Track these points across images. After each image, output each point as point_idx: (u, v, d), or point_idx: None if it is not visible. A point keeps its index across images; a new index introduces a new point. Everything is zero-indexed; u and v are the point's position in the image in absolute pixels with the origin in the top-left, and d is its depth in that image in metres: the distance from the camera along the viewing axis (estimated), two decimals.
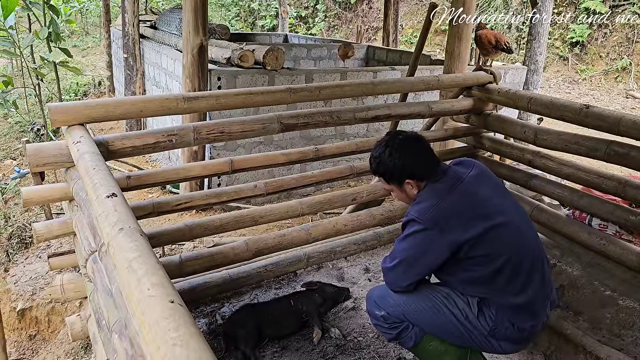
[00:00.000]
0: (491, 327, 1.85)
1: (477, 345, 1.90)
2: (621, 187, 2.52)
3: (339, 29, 16.00)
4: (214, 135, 2.43)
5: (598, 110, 2.55)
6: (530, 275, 1.84)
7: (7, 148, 7.21)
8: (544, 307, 1.89)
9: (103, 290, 1.65)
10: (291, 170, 4.99)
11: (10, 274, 3.93)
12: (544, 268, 1.90)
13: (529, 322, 1.85)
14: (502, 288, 1.82)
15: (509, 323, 1.84)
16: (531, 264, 1.84)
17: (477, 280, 1.84)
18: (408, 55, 7.13)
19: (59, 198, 2.22)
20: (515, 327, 1.84)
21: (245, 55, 4.66)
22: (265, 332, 2.44)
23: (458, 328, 1.88)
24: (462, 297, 1.88)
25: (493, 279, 1.81)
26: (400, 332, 1.97)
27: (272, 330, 2.46)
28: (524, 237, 1.87)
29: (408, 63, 6.94)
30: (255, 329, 2.40)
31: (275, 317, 2.49)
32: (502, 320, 1.84)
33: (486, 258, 1.79)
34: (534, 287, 1.84)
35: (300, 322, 2.53)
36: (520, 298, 1.83)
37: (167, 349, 0.82)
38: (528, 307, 1.84)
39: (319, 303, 2.62)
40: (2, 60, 9.61)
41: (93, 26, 17.29)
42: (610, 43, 10.72)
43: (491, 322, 1.85)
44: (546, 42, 7.26)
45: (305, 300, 2.60)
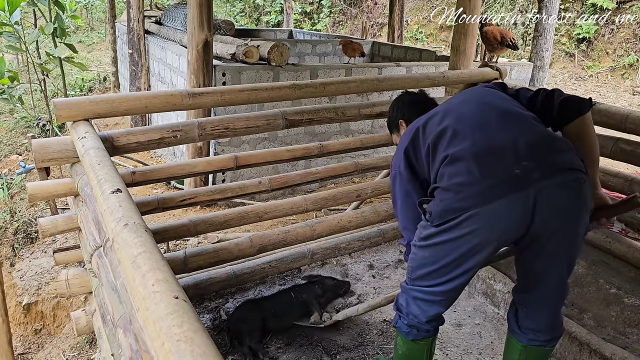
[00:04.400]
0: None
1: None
2: (627, 184, 2.51)
3: (344, 24, 15.95)
4: (218, 131, 2.43)
5: (604, 107, 2.53)
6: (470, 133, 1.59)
7: (12, 143, 7.24)
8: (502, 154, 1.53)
9: (108, 285, 1.65)
10: (296, 166, 4.99)
11: (16, 269, 3.95)
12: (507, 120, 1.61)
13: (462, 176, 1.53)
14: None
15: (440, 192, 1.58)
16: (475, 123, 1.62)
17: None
18: (413, 52, 7.11)
19: (64, 193, 2.23)
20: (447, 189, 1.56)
21: (250, 51, 4.65)
22: (269, 325, 2.45)
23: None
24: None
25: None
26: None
27: (276, 323, 2.48)
28: (472, 106, 1.69)
29: (413, 59, 6.94)
30: (259, 324, 2.41)
31: (277, 310, 2.51)
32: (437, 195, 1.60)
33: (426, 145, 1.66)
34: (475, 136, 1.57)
35: (302, 314, 2.56)
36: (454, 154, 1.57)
37: (171, 345, 0.82)
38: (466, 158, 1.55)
39: (319, 294, 2.66)
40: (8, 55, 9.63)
41: (98, 22, 17.30)
42: (617, 39, 10.64)
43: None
44: (552, 38, 7.22)
45: (305, 291, 2.64)
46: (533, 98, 1.75)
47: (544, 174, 1.47)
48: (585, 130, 1.69)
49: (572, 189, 1.51)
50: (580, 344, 2.24)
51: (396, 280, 2.97)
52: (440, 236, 1.57)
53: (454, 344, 2.45)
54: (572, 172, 1.51)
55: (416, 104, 2.02)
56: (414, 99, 2.06)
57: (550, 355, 1.86)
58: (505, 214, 1.48)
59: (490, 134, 1.57)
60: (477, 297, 2.80)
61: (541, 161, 1.49)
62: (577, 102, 1.68)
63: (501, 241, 1.57)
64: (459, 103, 1.73)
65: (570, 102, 1.68)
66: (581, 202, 1.54)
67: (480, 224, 1.50)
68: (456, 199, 1.51)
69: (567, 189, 1.49)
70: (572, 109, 1.67)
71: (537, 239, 1.57)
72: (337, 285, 2.77)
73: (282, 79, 4.76)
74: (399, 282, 2.92)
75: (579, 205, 1.54)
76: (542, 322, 1.74)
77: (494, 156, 1.52)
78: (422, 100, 2.04)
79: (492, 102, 1.69)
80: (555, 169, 1.49)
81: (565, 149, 1.56)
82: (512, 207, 1.48)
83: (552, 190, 1.48)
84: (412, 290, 1.72)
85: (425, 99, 2.06)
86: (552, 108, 1.69)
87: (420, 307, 1.71)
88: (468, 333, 2.53)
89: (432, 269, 1.63)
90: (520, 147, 1.51)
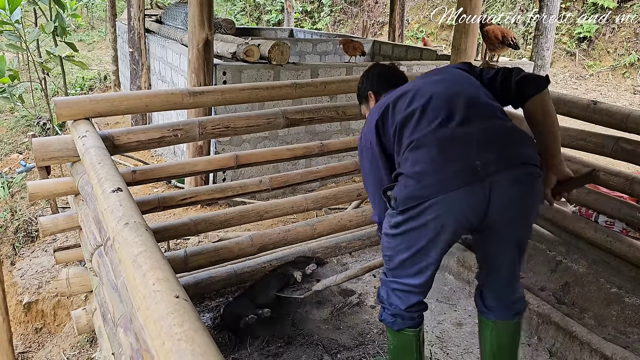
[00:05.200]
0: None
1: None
2: (628, 184, 2.50)
3: (344, 23, 15.94)
4: (219, 130, 2.43)
5: (606, 107, 2.53)
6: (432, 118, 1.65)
7: (13, 142, 7.24)
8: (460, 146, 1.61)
9: (108, 284, 1.65)
10: (296, 165, 4.98)
11: (16, 267, 3.95)
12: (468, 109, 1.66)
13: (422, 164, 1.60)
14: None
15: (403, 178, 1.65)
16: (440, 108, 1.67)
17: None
18: (414, 51, 7.10)
19: (64, 192, 2.23)
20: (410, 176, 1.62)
21: (250, 49, 4.65)
22: (259, 301, 2.53)
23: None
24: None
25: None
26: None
27: (263, 297, 2.57)
28: (436, 86, 1.74)
29: (414, 58, 6.93)
30: (248, 304, 2.49)
31: (261, 287, 2.62)
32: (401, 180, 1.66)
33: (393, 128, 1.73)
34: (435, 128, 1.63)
35: (282, 282, 2.69)
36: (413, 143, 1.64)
37: (172, 344, 0.82)
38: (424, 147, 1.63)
39: (291, 261, 2.84)
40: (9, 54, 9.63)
41: (99, 20, 17.30)
42: (618, 39, 10.63)
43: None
44: (553, 37, 7.21)
45: (281, 267, 2.78)
46: (493, 78, 1.81)
47: (499, 167, 1.56)
48: (543, 107, 1.75)
49: (524, 183, 1.60)
50: (580, 344, 2.24)
51: None
52: (408, 223, 1.64)
53: (454, 343, 2.45)
54: (526, 166, 1.60)
55: (386, 76, 2.04)
56: (383, 71, 2.07)
57: (521, 327, 1.94)
58: (464, 202, 1.57)
59: (455, 121, 1.64)
60: None
61: (499, 155, 1.58)
62: (534, 80, 1.74)
63: (462, 227, 1.65)
64: (431, 84, 1.77)
65: (527, 80, 1.74)
66: (532, 195, 1.65)
67: (442, 211, 1.58)
68: (419, 187, 1.59)
69: (520, 183, 1.59)
70: (529, 87, 1.74)
71: (492, 227, 1.68)
72: (305, 260, 2.87)
73: (282, 78, 4.75)
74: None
75: (530, 198, 1.65)
76: (503, 299, 1.86)
77: (457, 146, 1.60)
78: (392, 74, 2.06)
79: (461, 88, 1.74)
80: (511, 163, 1.59)
81: (524, 143, 1.64)
82: (470, 195, 1.57)
83: (505, 183, 1.57)
84: (391, 282, 1.81)
85: (395, 72, 2.08)
86: (510, 87, 1.76)
87: (399, 297, 1.80)
88: (469, 332, 2.53)
89: (406, 256, 1.70)
90: (482, 139, 1.60)
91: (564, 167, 1.78)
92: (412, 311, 1.82)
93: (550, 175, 1.77)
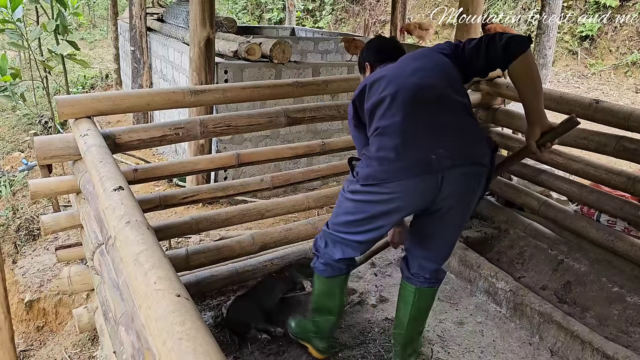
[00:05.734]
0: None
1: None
2: (630, 183, 2.50)
3: (346, 22, 15.93)
4: (220, 128, 2.43)
5: (608, 105, 2.52)
6: (400, 109, 1.81)
7: (15, 140, 7.25)
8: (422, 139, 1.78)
9: (110, 283, 1.65)
10: (297, 164, 4.98)
11: (18, 266, 3.96)
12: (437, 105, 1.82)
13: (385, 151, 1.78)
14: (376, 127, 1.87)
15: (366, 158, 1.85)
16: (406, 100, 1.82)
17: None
18: (415, 49, 7.08)
19: (66, 191, 2.23)
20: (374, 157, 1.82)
21: (252, 48, 4.65)
22: (265, 307, 2.50)
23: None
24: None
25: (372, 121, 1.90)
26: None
27: (269, 302, 2.53)
28: (407, 75, 1.88)
29: None
30: (256, 309, 2.46)
31: (265, 291, 2.56)
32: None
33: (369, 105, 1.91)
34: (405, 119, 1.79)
35: (288, 287, 2.66)
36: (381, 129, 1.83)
37: (173, 343, 0.82)
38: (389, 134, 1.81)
39: (298, 266, 2.76)
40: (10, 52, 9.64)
41: (100, 19, 17.30)
42: (620, 37, 10.60)
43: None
44: (555, 36, 7.19)
45: (286, 269, 2.74)
46: (478, 45, 1.88)
47: (454, 163, 1.74)
48: (526, 66, 1.85)
49: (471, 179, 1.80)
50: (582, 343, 2.24)
51: (398, 278, 2.95)
52: (364, 195, 1.85)
53: (455, 342, 2.44)
54: (476, 166, 1.80)
55: (383, 50, 2.14)
56: (382, 45, 2.18)
57: (436, 292, 2.17)
58: (418, 190, 1.78)
59: (420, 115, 1.80)
60: (479, 296, 2.80)
61: (454, 151, 1.74)
62: (517, 43, 1.82)
63: (413, 209, 1.88)
64: (406, 74, 1.89)
65: (511, 43, 1.82)
66: (477, 189, 1.84)
67: (397, 194, 1.78)
68: (379, 170, 1.78)
69: (467, 178, 1.79)
70: (514, 49, 1.82)
71: (437, 211, 1.87)
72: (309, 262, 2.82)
73: (284, 77, 4.75)
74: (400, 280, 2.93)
75: (474, 193, 1.85)
76: (429, 270, 2.07)
77: (418, 138, 1.77)
78: (390, 47, 2.15)
79: (434, 82, 1.85)
80: (463, 161, 1.76)
81: (478, 143, 1.82)
82: (424, 184, 1.76)
83: (456, 177, 1.76)
84: (333, 235, 2.00)
85: (394, 46, 2.17)
86: (497, 51, 1.83)
87: (340, 249, 2.00)
88: (470, 331, 2.52)
89: (352, 219, 1.91)
90: (442, 135, 1.77)
91: (545, 119, 1.91)
92: (343, 263, 2.06)
93: (534, 128, 1.90)
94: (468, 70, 1.94)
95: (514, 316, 2.59)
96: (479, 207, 3.52)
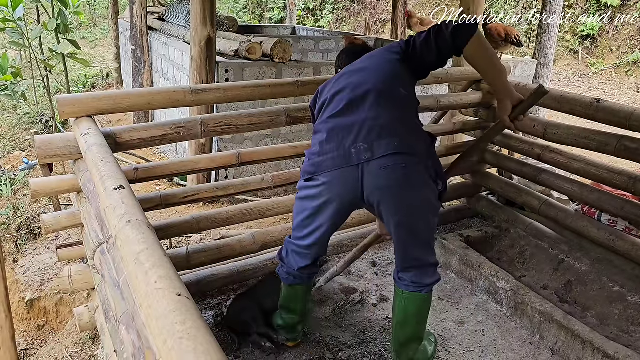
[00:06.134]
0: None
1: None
2: (631, 182, 2.49)
3: (347, 21, 15.91)
4: (221, 127, 2.43)
5: (609, 105, 2.52)
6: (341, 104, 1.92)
7: (16, 139, 7.25)
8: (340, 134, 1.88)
9: (110, 282, 1.66)
10: (298, 163, 4.98)
11: (19, 265, 3.96)
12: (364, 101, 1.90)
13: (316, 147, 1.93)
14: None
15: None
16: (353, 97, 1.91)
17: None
18: None
19: (67, 190, 2.23)
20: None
21: (253, 47, 4.65)
22: (266, 307, 2.46)
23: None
24: None
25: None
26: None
27: (271, 303, 2.48)
28: (356, 76, 1.96)
29: None
30: (257, 310, 2.43)
31: (267, 292, 2.51)
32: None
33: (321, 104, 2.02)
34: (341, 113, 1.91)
35: None
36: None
37: (174, 342, 0.82)
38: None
39: None
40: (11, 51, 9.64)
41: (101, 18, 17.30)
42: (621, 37, 10.59)
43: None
44: (556, 35, 7.18)
45: None
46: (427, 38, 1.93)
47: (373, 155, 1.80)
48: (479, 47, 1.91)
49: (393, 170, 1.80)
50: (583, 342, 2.24)
51: None
52: (303, 191, 1.98)
53: (456, 341, 2.44)
54: (396, 156, 1.80)
55: (352, 55, 2.19)
56: (352, 50, 2.27)
57: (429, 300, 2.11)
58: (341, 181, 1.86)
59: (348, 113, 1.89)
60: (479, 295, 2.80)
61: (372, 144, 1.80)
62: (465, 27, 1.89)
63: (340, 202, 1.91)
64: (350, 74, 1.98)
65: (459, 28, 1.89)
66: (406, 181, 1.82)
67: (324, 187, 1.89)
68: (309, 164, 1.93)
69: (388, 169, 1.80)
70: (463, 33, 1.89)
71: (372, 206, 1.90)
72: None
73: (285, 76, 4.75)
74: None
75: (404, 184, 1.83)
76: (407, 273, 2.04)
77: (341, 134, 1.86)
78: (359, 52, 2.20)
79: (372, 79, 1.91)
80: (382, 152, 1.79)
81: (407, 135, 1.85)
82: (346, 175, 1.84)
83: (375, 169, 1.81)
84: (289, 244, 2.15)
85: (363, 51, 2.20)
86: (446, 39, 1.89)
87: (294, 258, 2.14)
88: (470, 331, 2.52)
89: (299, 220, 2.04)
90: (363, 129, 1.83)
91: (513, 93, 1.99)
92: (303, 273, 2.17)
93: (505, 103, 1.99)
94: (423, 64, 1.98)
95: (514, 315, 2.59)
96: (480, 206, 3.53)
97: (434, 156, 1.95)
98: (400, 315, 2.10)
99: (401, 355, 2.15)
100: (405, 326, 2.11)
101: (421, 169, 1.86)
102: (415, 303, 2.07)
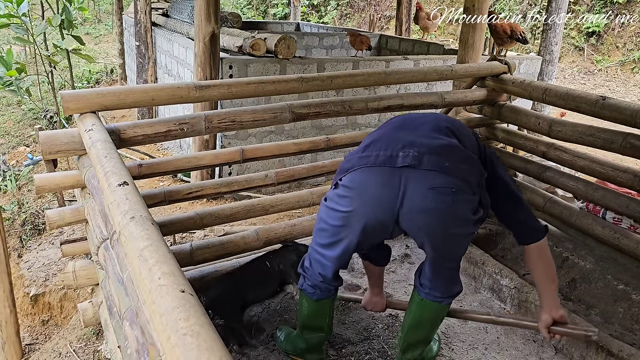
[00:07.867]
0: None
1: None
2: (637, 180, 2.48)
3: (351, 17, 15.88)
4: (225, 124, 2.43)
5: (614, 102, 2.50)
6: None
7: (20, 135, 7.28)
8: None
9: (114, 277, 1.66)
10: (302, 159, 4.98)
11: (23, 260, 3.97)
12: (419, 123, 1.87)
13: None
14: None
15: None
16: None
17: None
18: (421, 45, 7.06)
19: (71, 185, 2.23)
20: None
21: (257, 43, 4.64)
22: (247, 298, 2.43)
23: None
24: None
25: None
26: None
27: (254, 295, 2.47)
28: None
29: (421, 52, 6.89)
30: (237, 302, 2.39)
31: (255, 282, 2.47)
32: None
33: None
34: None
35: (280, 283, 2.55)
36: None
37: (177, 339, 0.82)
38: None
39: (295, 260, 2.53)
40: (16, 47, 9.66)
41: (105, 14, 17.32)
42: (627, 33, 10.53)
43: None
44: (562, 32, 7.14)
45: (282, 260, 2.57)
46: (517, 190, 1.95)
47: (420, 164, 1.66)
48: (540, 254, 1.91)
49: (440, 192, 1.66)
50: (587, 340, 2.23)
51: (402, 274, 2.97)
52: (333, 199, 1.82)
53: (459, 338, 2.44)
54: (446, 177, 1.66)
55: None
56: None
57: (446, 310, 2.08)
58: (376, 183, 1.69)
59: (403, 127, 1.84)
60: (483, 292, 2.79)
61: (424, 156, 1.67)
62: (533, 231, 1.90)
63: (369, 213, 1.73)
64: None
65: (527, 229, 1.91)
66: (449, 205, 1.67)
67: (355, 190, 1.73)
68: (346, 161, 1.82)
69: (435, 191, 1.65)
70: (528, 236, 1.90)
71: (404, 224, 1.74)
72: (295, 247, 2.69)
73: (289, 72, 4.74)
74: (405, 276, 2.92)
75: (447, 208, 1.68)
76: (435, 285, 1.97)
77: (392, 141, 1.75)
78: None
79: (429, 123, 1.86)
80: (431, 167, 1.66)
81: (462, 161, 1.72)
82: (382, 178, 1.69)
83: (421, 187, 1.66)
84: (313, 252, 1.98)
85: None
86: (532, 217, 1.92)
87: (318, 267, 1.97)
88: (474, 328, 2.52)
89: (324, 227, 1.88)
90: (409, 141, 1.73)
91: (559, 307, 1.95)
92: (330, 284, 2.01)
93: (547, 316, 1.94)
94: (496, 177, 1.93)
95: (518, 313, 2.58)
96: None
97: (483, 188, 1.82)
98: (414, 319, 2.07)
99: (406, 354, 2.14)
100: (417, 330, 2.08)
101: (469, 198, 1.72)
102: (433, 310, 2.04)
